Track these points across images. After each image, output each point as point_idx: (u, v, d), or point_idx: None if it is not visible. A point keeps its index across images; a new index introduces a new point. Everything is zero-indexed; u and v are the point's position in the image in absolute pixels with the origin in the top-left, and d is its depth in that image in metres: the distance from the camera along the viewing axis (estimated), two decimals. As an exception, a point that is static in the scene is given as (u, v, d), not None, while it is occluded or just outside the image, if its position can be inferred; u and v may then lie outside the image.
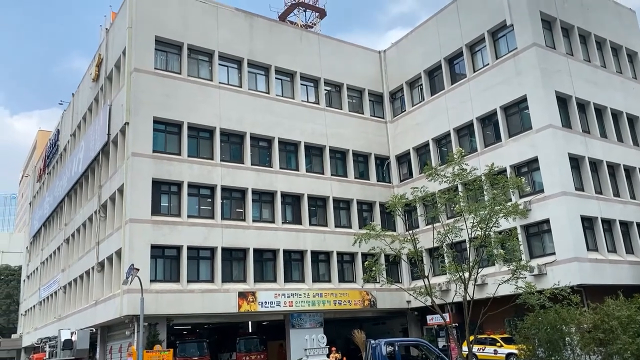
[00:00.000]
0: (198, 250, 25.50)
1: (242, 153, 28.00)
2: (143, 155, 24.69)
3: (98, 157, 29.65)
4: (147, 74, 25.69)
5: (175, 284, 24.28)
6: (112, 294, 24.87)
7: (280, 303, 26.47)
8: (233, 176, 27.15)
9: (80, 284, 31.00)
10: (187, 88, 26.72)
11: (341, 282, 29.23)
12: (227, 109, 27.61)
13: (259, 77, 29.81)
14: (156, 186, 24.90)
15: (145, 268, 22.57)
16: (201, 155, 26.70)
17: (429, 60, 31.71)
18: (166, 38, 26.74)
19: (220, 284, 25.22)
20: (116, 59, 28.19)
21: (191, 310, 24.29)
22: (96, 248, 28.16)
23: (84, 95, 35.21)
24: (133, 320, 22.97)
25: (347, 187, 31.09)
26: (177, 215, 25.26)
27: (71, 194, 35.44)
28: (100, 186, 28.94)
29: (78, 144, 34.75)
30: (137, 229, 23.72)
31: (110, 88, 29.42)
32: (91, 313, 27.75)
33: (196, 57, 27.85)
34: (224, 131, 27.43)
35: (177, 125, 26.25)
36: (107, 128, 27.84)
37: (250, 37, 29.53)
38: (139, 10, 26.35)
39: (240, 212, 27.38)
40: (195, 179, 26.01)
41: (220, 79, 28.10)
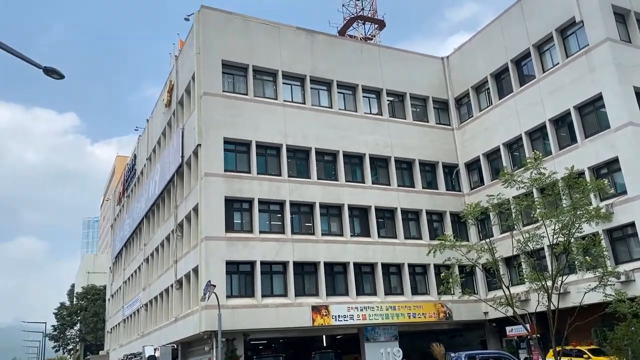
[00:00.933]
0: (270, 265, 25.94)
1: (308, 168, 28.33)
2: (215, 175, 25.53)
3: (173, 178, 30.92)
4: (216, 97, 26.63)
5: (250, 299, 24.78)
6: (191, 311, 25.70)
7: (354, 316, 26.39)
8: (301, 191, 27.51)
9: (161, 302, 32.25)
10: (253, 108, 27.45)
11: (414, 295, 28.77)
12: (292, 125, 28.11)
13: (321, 92, 30.17)
14: (229, 204, 25.63)
15: (221, 284, 23.22)
16: (270, 172, 27.27)
17: (494, 63, 30.94)
18: (232, 61, 27.66)
19: (294, 298, 25.49)
20: (186, 84, 29.43)
21: (266, 325, 24.68)
22: (174, 266, 29.26)
23: (157, 121, 36.94)
24: (211, 336, 23.60)
25: (415, 198, 30.70)
26: (250, 231, 25.86)
27: (149, 215, 37.10)
28: (176, 206, 30.13)
29: (154, 167, 36.40)
30: (212, 246, 24.48)
31: (182, 112, 30.71)
32: (172, 329, 28.78)
33: (261, 77, 28.60)
34: (290, 147, 27.91)
35: (245, 144, 26.99)
36: (180, 150, 29.02)
37: (312, 54, 30.00)
38: (205, 36, 27.44)
39: (309, 226, 27.64)
40: (265, 195, 26.57)
41: (285, 97, 28.69)
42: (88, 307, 64.41)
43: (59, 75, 11.87)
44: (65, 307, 70.44)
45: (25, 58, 11.42)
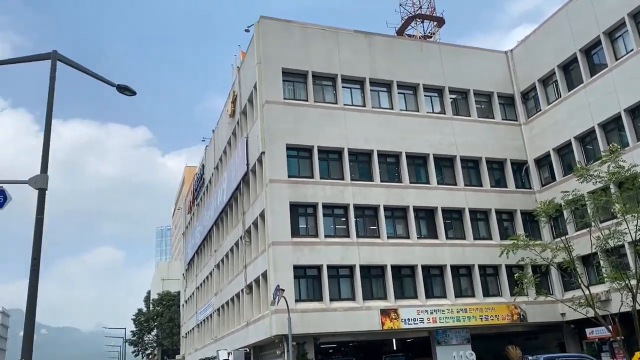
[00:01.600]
0: (337, 269, 26.03)
1: (371, 171, 28.24)
2: (280, 181, 25.96)
3: (240, 186, 31.70)
4: (277, 105, 27.10)
5: (318, 303, 24.96)
6: (262, 315, 26.21)
7: (424, 319, 25.99)
8: (364, 194, 27.45)
9: (232, 306, 33.09)
10: (314, 113, 27.72)
11: (486, 297, 27.98)
12: (353, 129, 28.14)
13: (381, 94, 30.02)
14: (294, 209, 25.97)
15: (289, 288, 23.55)
16: (332, 176, 27.41)
17: (562, 54, 29.67)
18: (292, 68, 28.07)
19: (362, 301, 25.44)
20: (249, 94, 30.14)
21: (335, 328, 24.76)
22: (244, 271, 29.95)
23: (223, 131, 38.02)
24: (282, 340, 23.95)
25: (483, 197, 29.89)
26: (315, 235, 26.08)
27: (218, 222, 38.20)
28: (243, 213, 30.87)
29: (221, 176, 37.48)
30: (279, 251, 24.88)
31: (245, 121, 31.46)
32: (244, 334, 29.44)
33: (320, 82, 28.84)
34: (351, 151, 27.94)
35: (308, 150, 27.27)
36: (245, 159, 29.73)
37: (370, 56, 29.93)
38: (265, 46, 28.01)
39: (374, 230, 27.52)
40: (329, 199, 26.71)
41: (345, 101, 28.76)
42: (164, 312, 66.98)
43: (131, 92, 12.49)
44: (143, 313, 73.62)
45: (99, 77, 12.09)
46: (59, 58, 11.40)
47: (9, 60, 12.17)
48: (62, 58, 11.45)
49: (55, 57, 11.37)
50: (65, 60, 11.54)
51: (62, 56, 11.47)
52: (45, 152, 10.72)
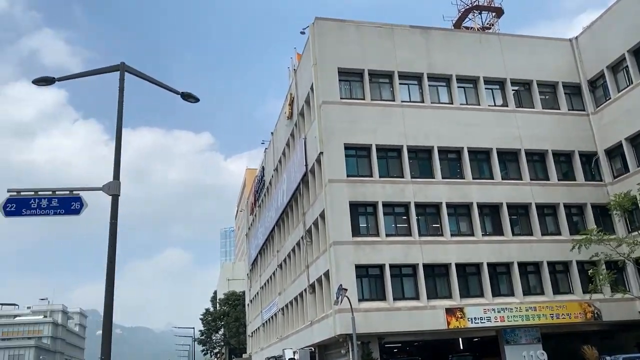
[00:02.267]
0: (400, 268, 25.81)
1: (432, 168, 27.79)
2: (339, 181, 26.01)
3: (299, 187, 32.02)
4: (334, 105, 27.17)
5: (382, 302, 24.83)
6: (325, 314, 26.35)
7: (491, 318, 25.32)
8: (425, 192, 27.06)
9: (296, 306, 33.46)
10: (371, 112, 27.59)
11: (556, 294, 26.92)
12: (411, 126, 27.80)
13: (440, 89, 29.50)
14: (353, 208, 25.96)
15: (352, 288, 23.56)
16: (392, 175, 27.18)
17: (632, 38, 28.09)
18: (348, 68, 28.06)
19: (426, 300, 25.09)
20: (305, 95, 30.39)
21: (399, 328, 24.56)
22: (306, 271, 30.22)
23: (281, 133, 38.53)
24: (347, 339, 24.00)
25: (550, 191, 28.77)
26: (376, 234, 25.96)
27: (279, 223, 38.74)
28: (304, 213, 31.16)
29: (281, 177, 38.00)
30: (340, 251, 24.94)
31: (303, 123, 31.75)
32: (308, 333, 29.71)
33: (377, 80, 28.67)
34: (411, 148, 27.60)
35: (366, 149, 27.18)
36: (304, 159, 29.99)
37: (427, 51, 29.47)
38: (321, 47, 28.15)
39: (437, 227, 27.08)
40: (389, 198, 26.52)
41: (402, 98, 28.47)
42: (230, 312, 68.57)
43: (194, 99, 12.90)
44: (210, 313, 75.70)
45: (165, 86, 12.56)
46: (126, 69, 11.94)
47: (80, 74, 12.86)
48: (129, 69, 11.98)
49: (123, 69, 11.91)
50: (133, 70, 12.07)
51: (130, 67, 12.00)
52: (117, 160, 11.25)
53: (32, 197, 11.44)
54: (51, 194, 11.44)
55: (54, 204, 11.36)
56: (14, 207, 11.36)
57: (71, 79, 12.39)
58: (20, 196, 11.43)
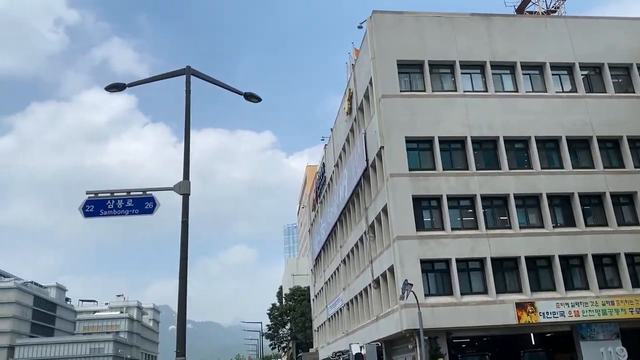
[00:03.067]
0: (467, 262, 25.28)
1: (498, 158, 27.00)
2: (400, 175, 25.76)
3: (360, 182, 31.96)
4: (394, 98, 26.91)
5: (449, 297, 24.43)
6: (391, 310, 26.21)
7: (564, 313, 24.36)
8: (491, 183, 26.34)
9: (361, 301, 33.47)
10: (432, 103, 27.13)
11: (636, 288, 25.55)
12: (475, 116, 27.11)
13: (504, 77, 28.59)
14: (417, 202, 25.64)
15: (417, 283, 23.31)
16: (456, 167, 26.64)
17: None
18: (407, 60, 27.70)
19: (495, 295, 24.46)
20: (364, 90, 30.26)
21: (468, 323, 24.07)
22: (370, 266, 30.16)
23: (341, 129, 38.58)
24: (414, 334, 23.78)
25: (626, 179, 27.28)
26: (441, 228, 25.53)
27: (342, 218, 38.85)
28: (366, 209, 31.09)
29: (341, 173, 38.07)
30: (404, 246, 24.71)
31: (362, 118, 31.64)
32: (374, 328, 29.66)
33: (437, 71, 28.15)
34: (475, 139, 26.93)
35: (428, 142, 26.76)
36: (364, 154, 29.90)
37: (490, 38, 28.62)
38: (379, 40, 27.92)
39: (505, 220, 26.30)
40: (453, 191, 26.00)
41: (465, 88, 27.81)
42: (296, 307, 69.52)
43: (257, 98, 13.16)
44: (276, 308, 77.06)
45: (228, 87, 12.89)
46: (192, 73, 12.34)
47: (149, 79, 13.39)
48: (195, 72, 12.38)
49: (189, 72, 12.32)
50: (198, 74, 12.46)
51: (195, 70, 12.40)
52: (186, 160, 11.66)
53: (109, 198, 12.06)
54: (126, 195, 12.02)
55: (129, 204, 11.93)
56: (92, 208, 12.02)
57: (140, 85, 12.95)
58: (97, 198, 12.08)
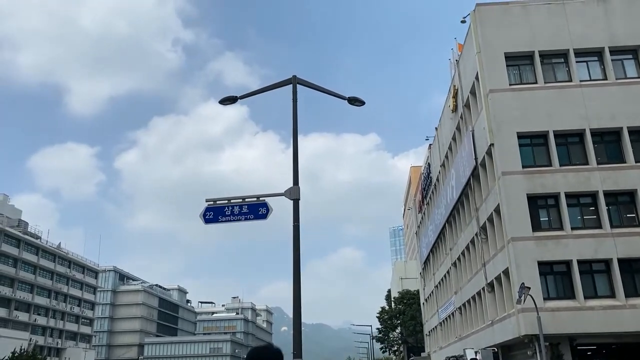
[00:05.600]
0: (590, 264, 23.55)
1: (622, 151, 24.89)
2: (513, 173, 24.61)
3: (469, 181, 30.96)
4: (503, 92, 25.80)
5: (570, 301, 22.90)
6: (507, 314, 25.07)
7: None
8: (615, 178, 24.34)
9: (474, 305, 32.36)
10: (545, 96, 25.66)
11: None
12: (594, 106, 25.22)
13: (626, 62, 26.32)
14: (532, 201, 24.35)
15: (535, 286, 22.12)
16: (574, 162, 24.96)
17: None
18: (515, 52, 26.47)
19: (624, 299, 22.53)
20: (470, 86, 29.31)
21: (593, 329, 22.40)
22: (483, 269, 29.07)
23: (445, 127, 37.66)
24: (533, 340, 22.55)
25: None
26: (560, 228, 24.02)
27: (450, 220, 37.85)
28: (476, 209, 30.03)
29: (449, 173, 37.12)
30: (520, 247, 23.55)
31: (469, 114, 30.66)
32: (489, 333, 28.53)
33: (549, 61, 26.58)
34: (595, 131, 25.04)
35: (542, 136, 25.33)
36: (473, 153, 28.93)
37: (607, 22, 26.51)
38: (484, 33, 26.95)
39: (632, 218, 24.17)
40: (572, 188, 24.37)
41: (581, 77, 25.99)
42: (405, 310, 68.72)
43: (360, 102, 13.26)
44: (386, 311, 76.62)
45: (332, 93, 13.11)
46: (298, 82, 12.71)
47: (258, 91, 13.99)
48: (301, 81, 12.74)
49: (295, 81, 12.70)
50: (304, 82, 12.80)
51: (301, 79, 12.76)
52: (295, 167, 12.01)
53: (226, 205, 12.73)
54: (241, 202, 12.62)
55: (244, 210, 12.51)
56: (211, 215, 12.77)
57: (251, 96, 13.57)
58: (216, 205, 12.81)
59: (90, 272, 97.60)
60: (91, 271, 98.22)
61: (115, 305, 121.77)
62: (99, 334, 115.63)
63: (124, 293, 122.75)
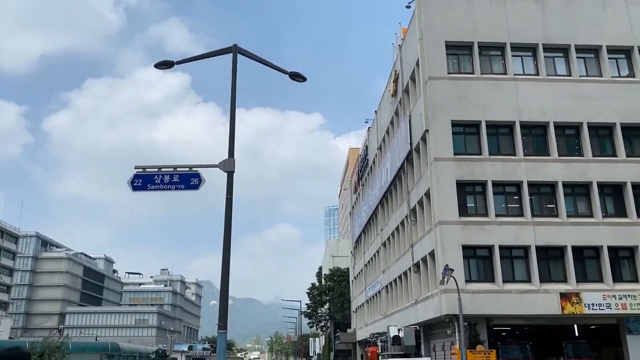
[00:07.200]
0: (510, 250, 24.82)
1: (547, 145, 26.21)
2: (445, 159, 25.37)
3: (403, 165, 31.67)
4: (441, 80, 26.40)
5: (490, 284, 24.09)
6: (430, 294, 26.07)
7: (611, 305, 23.63)
8: (539, 170, 25.64)
9: (400, 284, 33.41)
10: (481, 86, 26.49)
11: (690, 283, 24.50)
12: (525, 100, 26.33)
13: (557, 60, 27.59)
14: (461, 187, 25.25)
15: (458, 268, 23.04)
16: (502, 152, 26.04)
17: None
18: (455, 41, 27.07)
19: (539, 284, 23.96)
20: (410, 71, 29.78)
21: (509, 311, 23.71)
22: (410, 250, 29.99)
23: (385, 111, 38.20)
24: (453, 320, 23.61)
25: (685, 169, 26.00)
26: (485, 214, 25.09)
27: (383, 201, 38.68)
28: (408, 192, 30.83)
29: (384, 156, 37.80)
30: (446, 231, 24.44)
31: (408, 100, 31.21)
32: (413, 312, 29.60)
33: (487, 53, 27.41)
34: (524, 124, 26.19)
35: (475, 126, 26.20)
36: (409, 138, 29.55)
37: (543, 20, 27.60)
38: (428, 20, 27.36)
39: (552, 208, 25.61)
40: (499, 177, 25.45)
41: (515, 71, 27.00)
42: (335, 287, 69.98)
43: (302, 78, 13.16)
44: (316, 288, 77.75)
45: (274, 66, 12.92)
46: (239, 51, 12.42)
47: (196, 57, 13.57)
48: (241, 51, 12.45)
49: (235, 51, 12.40)
50: (244, 52, 12.53)
51: (242, 49, 12.46)
52: (231, 138, 11.81)
53: (156, 173, 12.37)
54: (173, 171, 12.30)
55: (175, 179, 12.21)
56: (140, 182, 12.37)
57: (191, 62, 13.15)
58: (145, 172, 12.41)
59: (9, 236, 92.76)
60: (10, 236, 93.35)
61: (36, 273, 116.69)
62: (17, 302, 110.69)
63: (46, 260, 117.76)
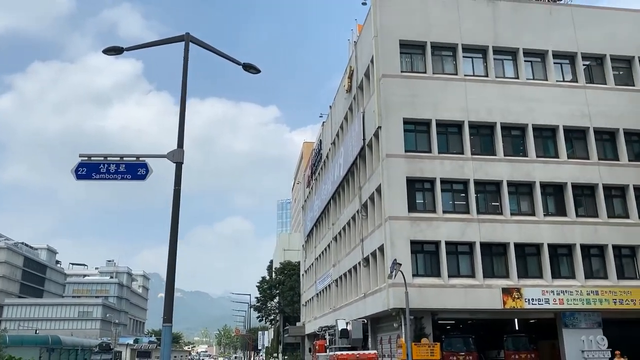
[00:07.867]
0: (456, 245, 25.51)
1: (494, 144, 27.06)
2: (396, 156, 25.79)
3: (356, 161, 31.98)
4: (394, 78, 26.78)
5: (436, 279, 24.71)
6: (379, 288, 26.50)
7: (549, 300, 24.71)
8: (486, 169, 26.43)
9: (350, 278, 33.79)
10: (432, 86, 27.03)
11: (621, 279, 25.91)
12: (474, 101, 27.06)
13: (506, 62, 28.47)
14: (410, 184, 25.74)
15: (406, 263, 23.53)
16: (451, 151, 26.69)
17: None
18: (409, 40, 27.50)
19: (482, 279, 24.75)
20: (365, 68, 30.07)
21: (454, 305, 24.39)
22: (361, 245, 30.37)
23: (339, 107, 38.43)
24: (400, 313, 24.10)
25: (620, 172, 27.41)
26: (433, 211, 25.68)
27: (335, 196, 38.95)
28: (360, 188, 31.17)
29: (338, 151, 38.05)
30: (396, 226, 24.87)
31: (362, 96, 31.51)
32: (361, 305, 30.01)
33: (439, 53, 27.98)
34: (472, 124, 26.93)
35: (425, 124, 26.74)
36: (362, 133, 29.85)
37: (494, 23, 28.41)
38: (383, 18, 27.66)
39: (497, 206, 26.48)
40: (448, 174, 26.09)
41: (465, 71, 27.70)
42: (285, 281, 70.10)
43: (255, 70, 13.08)
44: (266, 281, 77.68)
45: (227, 56, 12.78)
46: (191, 40, 12.22)
47: (147, 44, 13.25)
48: (193, 39, 12.25)
49: (187, 39, 12.19)
50: (197, 41, 12.33)
51: (194, 38, 12.26)
52: (181, 129, 11.62)
53: (102, 162, 12.04)
54: (119, 160, 12.00)
55: (122, 169, 11.92)
56: (84, 171, 12.01)
57: (143, 49, 12.84)
58: (90, 161, 12.06)
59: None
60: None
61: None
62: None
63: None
